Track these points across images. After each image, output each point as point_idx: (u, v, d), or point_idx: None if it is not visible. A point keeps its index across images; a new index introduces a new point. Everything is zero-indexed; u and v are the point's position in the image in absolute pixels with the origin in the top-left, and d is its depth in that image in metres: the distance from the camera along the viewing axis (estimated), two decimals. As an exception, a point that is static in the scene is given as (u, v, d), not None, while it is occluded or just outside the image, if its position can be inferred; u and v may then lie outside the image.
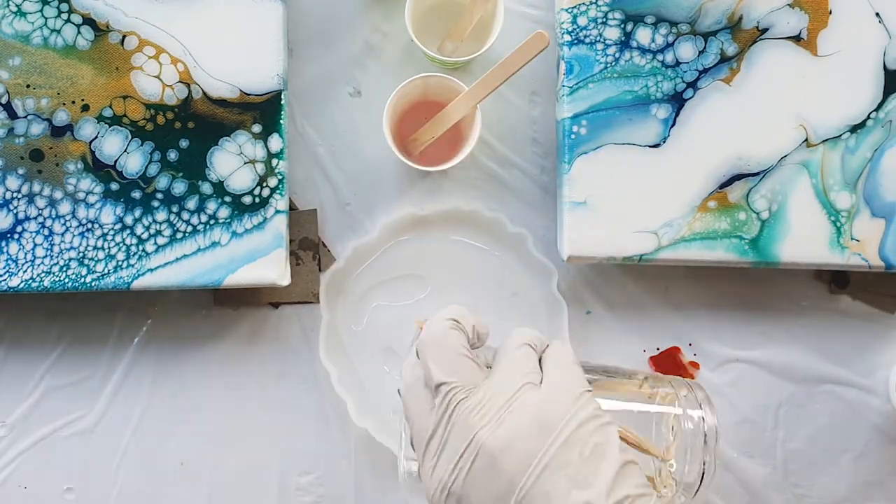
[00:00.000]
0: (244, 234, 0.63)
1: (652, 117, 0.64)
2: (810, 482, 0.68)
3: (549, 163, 0.70)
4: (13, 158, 0.63)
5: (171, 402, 0.68)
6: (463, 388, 0.44)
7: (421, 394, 0.46)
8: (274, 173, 0.64)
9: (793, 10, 0.64)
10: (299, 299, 0.69)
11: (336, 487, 0.68)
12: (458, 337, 0.46)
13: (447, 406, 0.44)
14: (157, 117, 0.64)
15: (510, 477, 0.41)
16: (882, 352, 0.69)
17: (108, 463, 0.68)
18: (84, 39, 0.64)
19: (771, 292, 0.70)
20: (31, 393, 0.68)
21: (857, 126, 0.64)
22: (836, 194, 0.64)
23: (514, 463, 0.41)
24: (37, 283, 0.62)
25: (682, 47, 0.64)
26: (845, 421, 0.69)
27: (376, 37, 0.70)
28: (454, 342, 0.46)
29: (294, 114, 0.70)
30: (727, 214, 0.64)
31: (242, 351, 0.69)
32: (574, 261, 0.64)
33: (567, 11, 0.65)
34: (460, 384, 0.44)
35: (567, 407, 0.43)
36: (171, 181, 0.63)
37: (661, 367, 0.68)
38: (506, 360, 0.46)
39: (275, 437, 0.68)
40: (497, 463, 0.41)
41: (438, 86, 0.65)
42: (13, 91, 0.63)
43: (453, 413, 0.43)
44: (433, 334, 0.46)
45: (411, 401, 0.46)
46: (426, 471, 0.44)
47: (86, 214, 0.63)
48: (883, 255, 0.64)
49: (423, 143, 0.66)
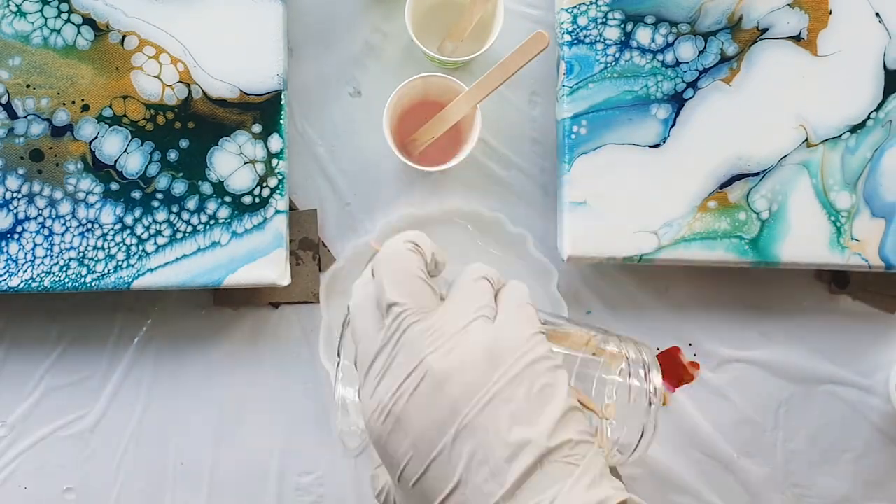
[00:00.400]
0: (244, 234, 0.63)
1: (652, 117, 0.64)
2: (810, 482, 0.68)
3: (549, 163, 0.70)
4: (13, 158, 0.63)
5: (172, 402, 0.68)
6: (415, 311, 0.43)
7: (371, 313, 0.44)
8: (274, 173, 0.64)
9: (793, 10, 0.64)
10: (299, 299, 0.69)
11: (336, 487, 0.68)
12: (416, 259, 0.44)
13: (397, 327, 0.42)
14: (157, 117, 0.64)
15: (454, 404, 0.40)
16: (882, 352, 0.69)
17: (108, 463, 0.68)
18: (84, 39, 0.64)
19: (771, 292, 0.70)
20: (31, 393, 0.68)
21: (857, 126, 0.64)
22: (836, 194, 0.64)
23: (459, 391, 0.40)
24: (37, 283, 0.62)
25: (682, 47, 0.64)
26: (845, 421, 0.69)
27: (376, 37, 0.70)
28: (411, 264, 0.44)
29: (294, 114, 0.70)
30: (727, 214, 0.64)
31: (242, 351, 0.69)
32: (574, 261, 0.64)
33: (567, 11, 0.65)
34: (413, 307, 0.43)
35: (519, 344, 0.42)
36: (171, 181, 0.63)
37: (662, 367, 0.68)
38: (461, 291, 0.45)
39: (275, 438, 0.68)
40: (442, 389, 0.40)
41: (438, 86, 0.65)
42: (13, 91, 0.63)
43: (403, 335, 0.42)
44: (390, 254, 0.45)
45: (360, 319, 0.44)
46: (367, 391, 0.43)
47: (86, 214, 0.63)
48: (883, 255, 0.64)
49: (423, 143, 0.66)
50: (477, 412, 0.40)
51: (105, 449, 0.68)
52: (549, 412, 0.40)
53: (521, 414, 0.40)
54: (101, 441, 0.68)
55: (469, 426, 0.40)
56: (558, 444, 0.39)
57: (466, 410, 0.40)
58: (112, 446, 0.68)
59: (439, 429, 0.40)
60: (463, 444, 0.40)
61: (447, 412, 0.40)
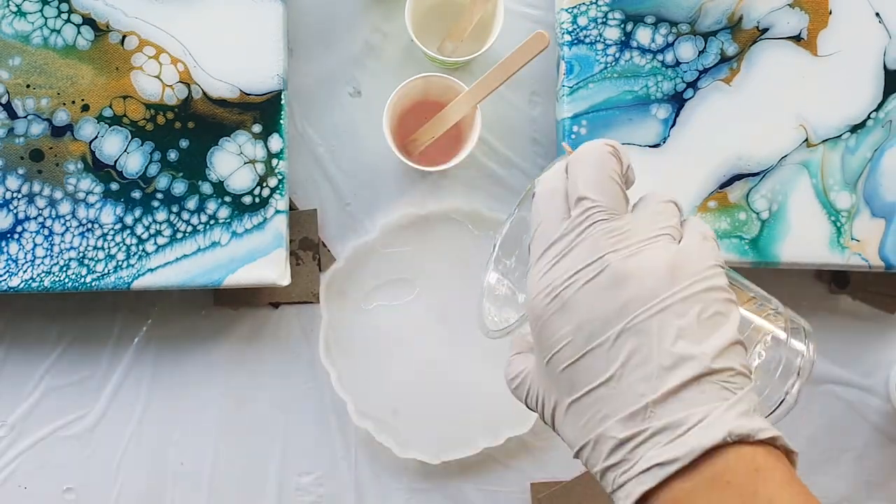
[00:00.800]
0: (244, 234, 0.63)
1: (652, 117, 0.64)
2: (810, 482, 0.68)
3: (548, 163, 0.70)
4: (13, 158, 0.63)
5: (171, 403, 0.68)
6: (605, 209, 0.42)
7: (558, 202, 0.43)
8: (274, 173, 0.64)
9: (793, 10, 0.64)
10: (299, 299, 0.69)
11: (336, 487, 0.68)
12: (614, 162, 0.44)
13: (584, 219, 0.42)
14: (157, 117, 0.64)
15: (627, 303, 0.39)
16: (882, 352, 0.69)
17: (108, 463, 0.68)
18: (84, 39, 0.64)
19: (771, 292, 0.69)
20: (31, 393, 0.68)
21: (858, 126, 0.64)
22: (836, 194, 0.64)
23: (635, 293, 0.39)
24: (37, 283, 0.62)
25: (682, 47, 0.64)
26: (845, 421, 0.69)
27: (376, 37, 0.70)
28: (608, 164, 0.43)
29: (294, 114, 0.70)
30: (727, 214, 0.64)
31: (242, 351, 0.69)
32: (574, 261, 0.64)
33: (567, 11, 0.65)
34: (604, 205, 0.42)
35: (700, 269, 0.41)
36: (171, 181, 0.63)
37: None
38: (650, 206, 0.44)
39: (275, 438, 0.68)
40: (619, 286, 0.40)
41: (438, 86, 0.65)
42: (13, 91, 0.63)
43: (588, 228, 0.41)
44: (590, 151, 0.44)
45: (544, 204, 0.43)
46: (536, 272, 0.42)
47: (86, 214, 0.63)
48: (883, 255, 0.64)
49: (423, 143, 0.66)
50: (647, 317, 0.39)
51: (105, 449, 0.68)
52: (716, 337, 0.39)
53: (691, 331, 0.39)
54: (101, 441, 0.68)
55: (635, 328, 0.39)
56: (721, 367, 0.39)
57: (637, 312, 0.39)
58: (112, 446, 0.68)
59: (605, 322, 0.40)
60: (625, 341, 0.39)
61: (617, 309, 0.39)
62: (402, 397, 0.67)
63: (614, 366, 0.39)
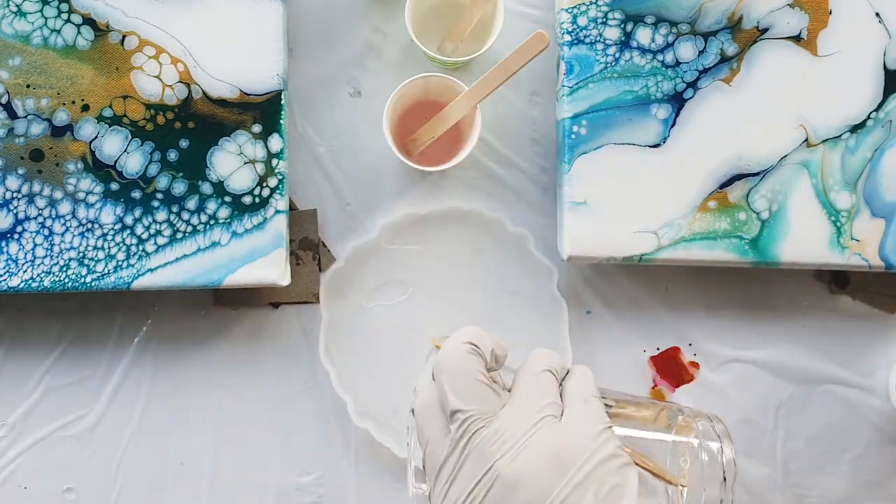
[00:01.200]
0: (244, 234, 0.63)
1: (652, 117, 0.64)
2: (810, 482, 0.68)
3: (549, 163, 0.70)
4: (13, 158, 0.63)
5: (171, 403, 0.68)
6: (480, 417, 0.43)
7: (436, 417, 0.45)
8: (274, 173, 0.64)
9: (793, 10, 0.64)
10: (299, 299, 0.69)
11: (336, 487, 0.68)
12: (476, 362, 0.45)
13: (463, 434, 0.43)
14: (157, 117, 0.64)
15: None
16: (882, 352, 0.69)
17: (108, 463, 0.68)
18: (84, 39, 0.64)
19: (771, 292, 0.70)
20: (31, 393, 0.68)
21: (857, 126, 0.64)
22: (836, 194, 0.64)
23: (529, 498, 0.41)
24: (37, 283, 0.62)
25: (682, 47, 0.64)
26: (845, 421, 0.69)
27: (376, 37, 0.70)
28: (472, 368, 0.45)
29: (294, 114, 0.70)
30: (727, 214, 0.64)
31: (242, 351, 0.69)
32: (574, 261, 0.64)
33: (567, 11, 0.65)
34: (477, 413, 0.43)
35: (587, 444, 0.42)
36: (171, 181, 0.63)
37: (662, 367, 0.68)
38: (525, 386, 0.45)
39: (275, 438, 0.68)
40: (512, 495, 0.41)
41: (438, 86, 0.65)
42: (13, 91, 0.63)
43: (469, 441, 0.43)
44: (450, 359, 0.45)
45: (426, 423, 0.45)
46: (436, 495, 0.44)
47: (86, 214, 0.63)
48: (883, 255, 0.64)
49: (423, 143, 0.66)
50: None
51: (105, 449, 0.68)
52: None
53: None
54: (101, 441, 0.68)
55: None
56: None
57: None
58: (112, 446, 0.68)
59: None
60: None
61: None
62: (402, 397, 0.67)
63: None
